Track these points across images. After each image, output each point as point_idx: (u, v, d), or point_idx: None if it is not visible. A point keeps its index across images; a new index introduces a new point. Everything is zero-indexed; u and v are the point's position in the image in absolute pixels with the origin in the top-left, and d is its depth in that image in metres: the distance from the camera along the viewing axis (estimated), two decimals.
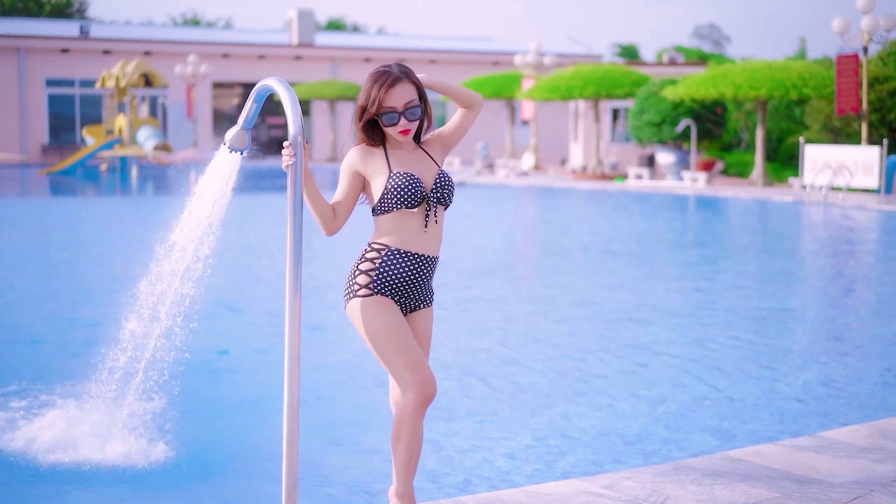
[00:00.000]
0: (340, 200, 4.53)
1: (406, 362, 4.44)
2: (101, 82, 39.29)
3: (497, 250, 16.68)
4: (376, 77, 4.49)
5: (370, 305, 4.47)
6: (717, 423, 7.06)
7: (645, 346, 9.50)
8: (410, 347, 4.47)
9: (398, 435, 4.48)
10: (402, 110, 4.47)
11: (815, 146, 27.28)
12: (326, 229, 4.54)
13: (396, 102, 4.46)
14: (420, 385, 4.44)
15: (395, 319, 4.47)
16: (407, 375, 4.44)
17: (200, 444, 6.48)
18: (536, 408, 7.46)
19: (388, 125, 4.49)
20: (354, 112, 4.56)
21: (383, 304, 4.48)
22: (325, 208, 4.49)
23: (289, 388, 4.39)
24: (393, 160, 4.52)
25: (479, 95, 4.78)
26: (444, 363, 8.66)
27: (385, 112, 4.47)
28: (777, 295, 12.42)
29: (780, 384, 8.11)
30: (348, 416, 7.30)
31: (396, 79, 4.48)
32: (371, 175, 4.52)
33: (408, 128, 4.50)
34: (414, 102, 4.49)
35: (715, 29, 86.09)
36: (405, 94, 4.47)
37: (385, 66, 4.52)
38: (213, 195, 5.00)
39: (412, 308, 4.62)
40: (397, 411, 4.49)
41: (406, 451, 4.48)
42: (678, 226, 21.72)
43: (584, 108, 38.61)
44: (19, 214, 23.28)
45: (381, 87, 4.46)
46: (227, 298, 11.58)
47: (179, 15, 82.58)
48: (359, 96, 4.53)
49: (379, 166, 4.52)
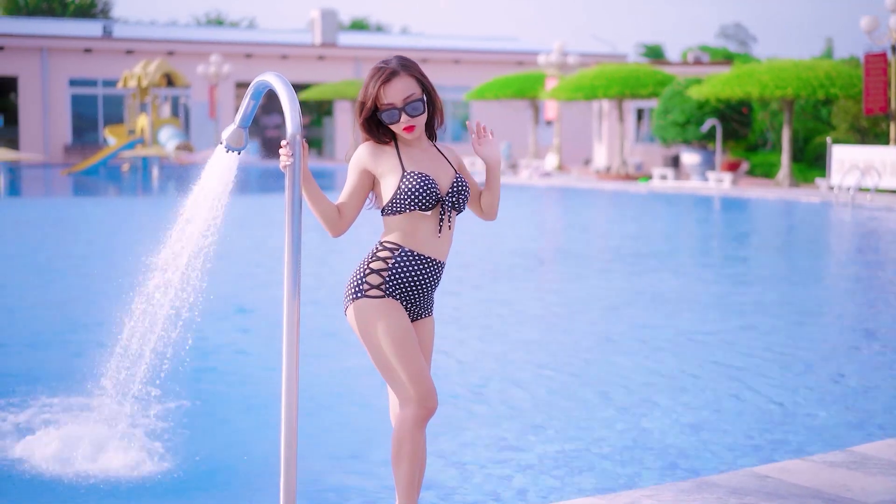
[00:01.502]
0: (347, 200, 4.26)
1: (410, 373, 4.17)
2: (123, 82, 39.24)
3: (515, 253, 16.38)
4: (373, 72, 4.25)
5: (381, 308, 4.20)
6: (742, 436, 6.75)
7: (667, 354, 9.21)
8: (416, 357, 4.20)
9: (399, 452, 4.20)
10: (401, 106, 4.20)
11: (842, 146, 26.89)
12: (332, 230, 4.26)
13: (395, 98, 4.20)
14: (422, 398, 4.17)
15: (405, 325, 4.21)
16: (409, 387, 4.17)
17: (198, 456, 6.25)
18: (554, 419, 7.18)
19: (389, 122, 4.23)
20: (354, 110, 4.32)
21: (394, 308, 4.22)
22: (328, 209, 4.22)
23: (286, 398, 4.14)
24: (406, 159, 4.26)
25: (494, 218, 4.62)
26: (456, 370, 8.40)
27: (385, 109, 4.22)
28: (808, 300, 12.10)
29: (808, 394, 7.80)
30: (355, 428, 7.04)
31: (392, 73, 4.22)
32: (382, 174, 4.26)
33: (411, 124, 4.23)
34: (414, 96, 4.22)
35: (741, 28, 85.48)
36: (403, 88, 4.21)
37: (383, 61, 4.27)
38: (211, 198, 4.75)
39: (417, 316, 4.35)
40: (397, 426, 4.21)
41: (408, 469, 4.21)
42: (706, 228, 21.39)
43: (608, 107, 38.30)
44: (36, 214, 23.15)
45: (377, 82, 4.21)
46: (234, 302, 11.36)
47: (203, 15, 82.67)
48: (359, 93, 4.28)
49: (390, 165, 4.25)
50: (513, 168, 38.51)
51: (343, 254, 14.53)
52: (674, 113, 32.16)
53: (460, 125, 52.42)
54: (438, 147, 4.41)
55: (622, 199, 27.57)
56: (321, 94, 47.68)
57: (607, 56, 53.40)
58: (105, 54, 48.78)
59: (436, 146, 4.40)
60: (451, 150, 4.43)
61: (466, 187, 4.35)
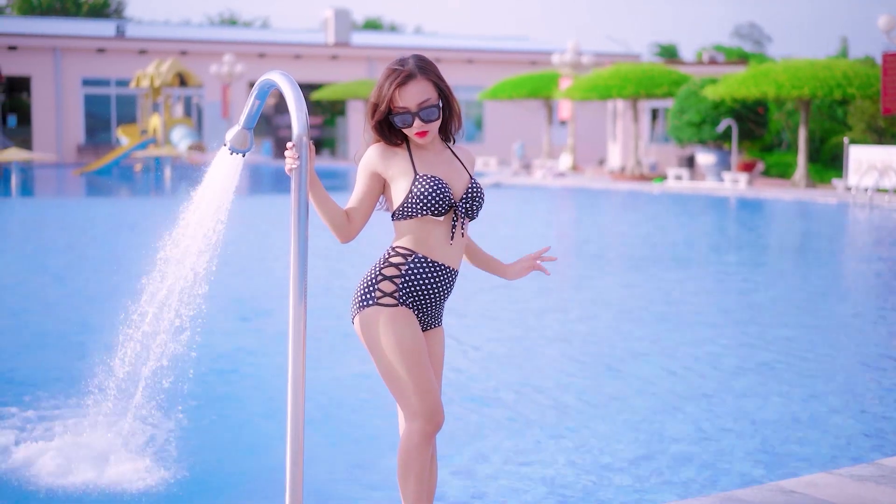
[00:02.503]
0: (356, 205, 4.06)
1: (419, 387, 3.97)
2: (135, 82, 39.14)
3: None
4: (388, 73, 4.02)
5: (393, 317, 3.99)
6: (766, 448, 6.52)
7: (691, 361, 8.99)
8: (426, 370, 3.99)
9: (406, 468, 4.00)
10: (416, 111, 3.99)
11: (860, 147, 26.60)
12: (340, 236, 4.06)
13: (409, 102, 3.98)
14: (429, 413, 3.97)
15: (417, 336, 4.01)
16: (416, 401, 3.97)
17: (202, 467, 6.07)
18: (573, 429, 6.97)
19: (401, 126, 4.02)
20: (366, 110, 4.11)
21: (407, 317, 4.01)
22: (337, 214, 4.02)
23: (293, 408, 3.95)
24: (418, 161, 4.05)
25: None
26: (471, 377, 8.20)
27: (398, 113, 4.00)
28: (835, 305, 11.86)
29: (835, 403, 7.56)
30: (368, 437, 6.84)
31: (408, 76, 3.99)
32: (392, 177, 4.05)
33: (424, 129, 4.01)
34: (429, 102, 4.01)
35: (755, 28, 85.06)
36: (419, 92, 3.99)
37: (399, 61, 4.04)
38: (214, 203, 4.55)
39: (427, 326, 4.14)
40: (403, 441, 4.01)
41: (416, 486, 4.01)
42: (726, 229, 21.10)
43: (622, 107, 38.05)
44: (47, 215, 23.02)
45: (392, 84, 3.98)
46: (241, 307, 11.19)
47: (216, 15, 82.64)
48: (372, 92, 4.05)
49: (402, 167, 4.04)
50: (526, 168, 38.27)
51: (362, 254, 14.34)
52: (689, 113, 31.90)
53: (474, 125, 52.21)
54: (453, 150, 4.21)
55: (637, 200, 27.30)
56: (334, 94, 47.52)
57: (621, 56, 53.12)
58: (118, 54, 48.69)
59: (450, 148, 4.20)
60: (466, 152, 4.22)
61: (481, 193, 4.14)
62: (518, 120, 48.72)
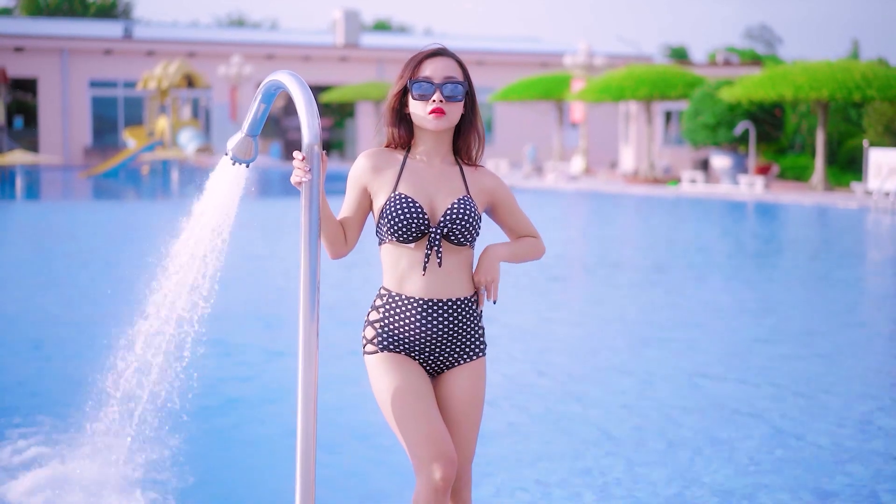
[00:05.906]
0: (344, 220, 3.62)
1: (414, 435, 3.47)
2: (142, 83, 38.76)
3: (549, 265, 15.69)
4: (415, 54, 3.64)
5: (375, 364, 3.58)
6: (807, 476, 6.02)
7: (716, 382, 8.51)
8: (421, 416, 3.48)
9: None
10: (439, 82, 3.54)
11: (880, 150, 26.07)
12: (332, 252, 3.60)
13: (434, 73, 3.55)
14: (429, 463, 3.44)
15: (404, 380, 3.52)
16: (416, 450, 3.47)
17: (205, 492, 5.62)
18: (594, 459, 6.49)
19: (418, 96, 3.54)
20: (386, 103, 3.64)
21: (390, 361, 3.56)
22: (337, 231, 3.57)
23: (303, 435, 3.50)
24: (406, 175, 3.57)
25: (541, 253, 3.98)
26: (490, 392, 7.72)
27: (418, 80, 3.55)
28: (872, 322, 11.38)
29: (872, 431, 7.08)
30: (384, 466, 6.37)
31: (440, 51, 3.60)
32: (375, 192, 3.59)
33: (441, 108, 3.54)
34: (456, 78, 3.57)
35: (766, 29, 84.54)
36: (446, 67, 3.58)
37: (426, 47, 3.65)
38: (215, 217, 4.08)
39: (444, 366, 3.64)
40: (413, 499, 3.50)
41: None
42: (747, 237, 20.47)
43: (635, 109, 37.57)
44: (52, 219, 22.62)
45: (421, 56, 3.60)
46: (258, 317, 10.76)
47: (224, 16, 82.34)
48: (398, 76, 3.65)
49: (386, 180, 3.57)
50: (538, 171, 37.79)
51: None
52: (704, 115, 31.39)
53: (484, 127, 51.71)
54: (465, 171, 3.70)
55: (652, 204, 26.77)
56: (343, 96, 47.10)
57: (633, 57, 52.62)
58: (125, 55, 48.30)
59: (460, 166, 3.70)
60: (481, 174, 3.73)
61: (466, 215, 3.58)
62: (529, 122, 48.21)
